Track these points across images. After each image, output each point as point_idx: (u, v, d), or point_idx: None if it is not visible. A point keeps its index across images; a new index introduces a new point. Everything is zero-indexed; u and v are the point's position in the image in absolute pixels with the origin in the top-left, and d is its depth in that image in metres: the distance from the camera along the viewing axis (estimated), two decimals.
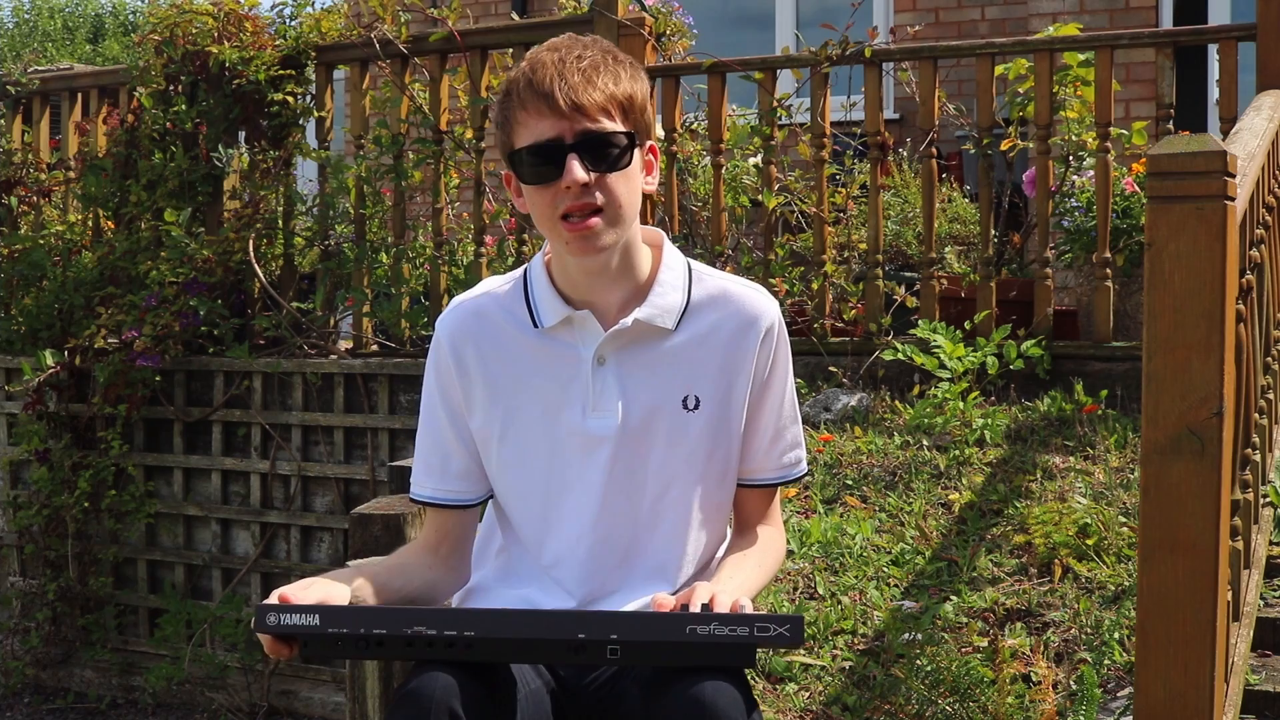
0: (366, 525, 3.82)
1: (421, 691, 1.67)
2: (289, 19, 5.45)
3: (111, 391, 5.22)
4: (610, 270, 1.91)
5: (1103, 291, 4.45)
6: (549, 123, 1.82)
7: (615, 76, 1.85)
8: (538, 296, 1.95)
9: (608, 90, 1.83)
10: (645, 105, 1.89)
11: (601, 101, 1.82)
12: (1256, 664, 2.86)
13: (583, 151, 1.82)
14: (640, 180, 1.90)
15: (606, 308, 1.93)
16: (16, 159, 6.12)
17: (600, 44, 1.89)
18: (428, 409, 2.01)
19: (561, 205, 1.83)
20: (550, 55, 1.85)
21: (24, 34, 19.90)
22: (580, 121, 1.82)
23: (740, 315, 1.96)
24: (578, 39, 1.89)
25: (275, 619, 1.69)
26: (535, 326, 1.94)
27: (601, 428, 1.92)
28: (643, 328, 1.93)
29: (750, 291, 1.98)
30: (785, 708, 2.83)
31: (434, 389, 1.99)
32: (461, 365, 1.95)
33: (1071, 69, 4.93)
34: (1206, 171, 1.98)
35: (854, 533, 3.53)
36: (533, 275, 1.97)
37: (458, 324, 1.97)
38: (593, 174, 1.82)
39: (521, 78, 1.85)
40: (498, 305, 1.97)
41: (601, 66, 1.84)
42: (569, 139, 1.82)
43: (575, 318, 1.93)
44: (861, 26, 5.26)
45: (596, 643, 1.66)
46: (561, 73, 1.82)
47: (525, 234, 5.03)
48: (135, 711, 5.34)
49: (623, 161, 1.85)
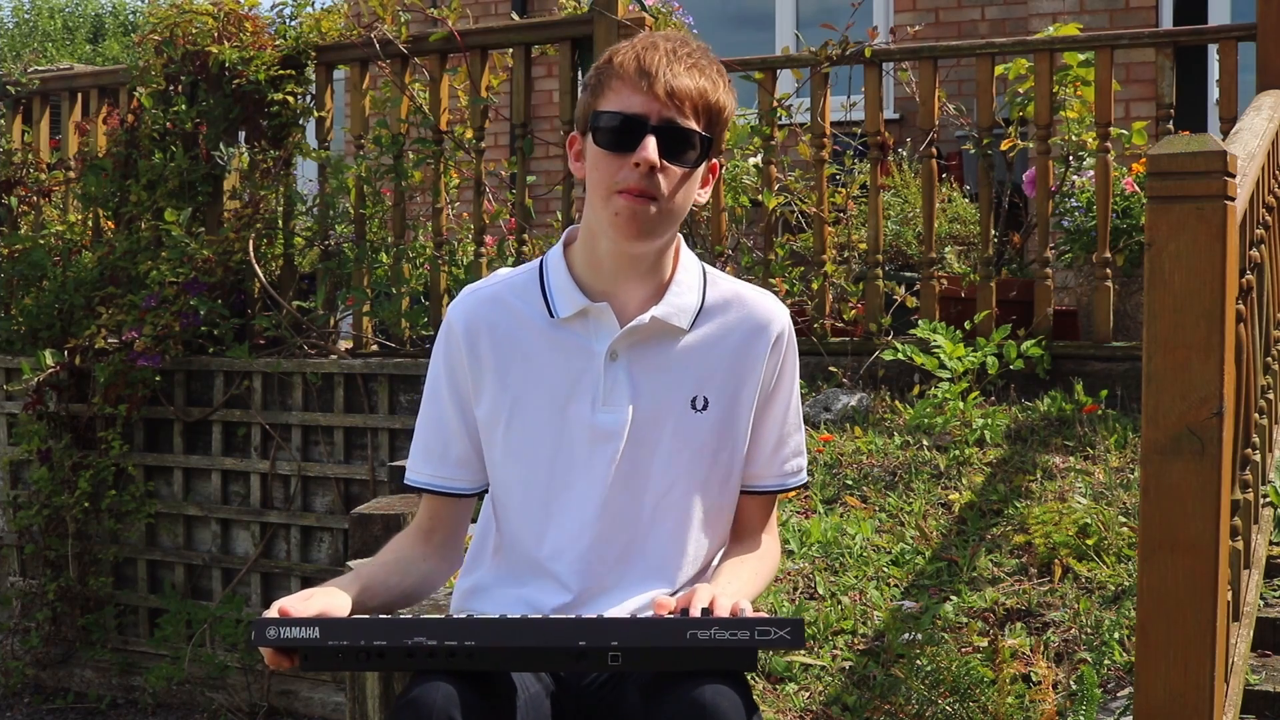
0: (366, 525, 3.82)
1: (422, 700, 1.67)
2: (289, 19, 5.44)
3: (111, 391, 5.22)
4: (641, 265, 1.93)
5: (1103, 291, 4.45)
6: (641, 99, 1.85)
7: (714, 84, 1.89)
8: (555, 286, 1.95)
9: (703, 92, 1.87)
10: (727, 121, 1.93)
11: (695, 99, 1.86)
12: (1256, 664, 2.86)
13: (662, 137, 1.85)
14: (697, 188, 1.92)
15: (624, 302, 1.94)
16: (16, 159, 6.11)
17: (710, 53, 1.93)
18: (432, 394, 2.00)
19: (624, 181, 1.85)
20: (664, 43, 1.89)
21: (24, 34, 19.91)
22: (669, 110, 1.85)
23: (752, 320, 1.97)
24: (685, 35, 1.94)
25: (275, 633, 1.68)
26: (551, 316, 1.94)
27: (610, 423, 1.92)
28: (659, 325, 1.93)
29: (763, 297, 2.00)
30: (785, 708, 2.83)
31: (441, 374, 1.98)
32: (474, 351, 1.95)
33: (1071, 69, 4.93)
34: (1206, 171, 1.97)
35: (854, 533, 3.52)
36: (550, 265, 1.97)
37: (472, 309, 1.97)
38: (664, 161, 1.84)
39: (631, 51, 1.89)
40: (512, 293, 1.97)
41: (706, 70, 1.89)
42: (654, 120, 1.85)
43: (592, 310, 1.93)
44: (861, 26, 5.26)
45: (597, 650, 1.65)
46: (670, 60, 1.86)
47: (525, 234, 5.03)
48: (135, 711, 5.34)
49: (693, 160, 1.88)
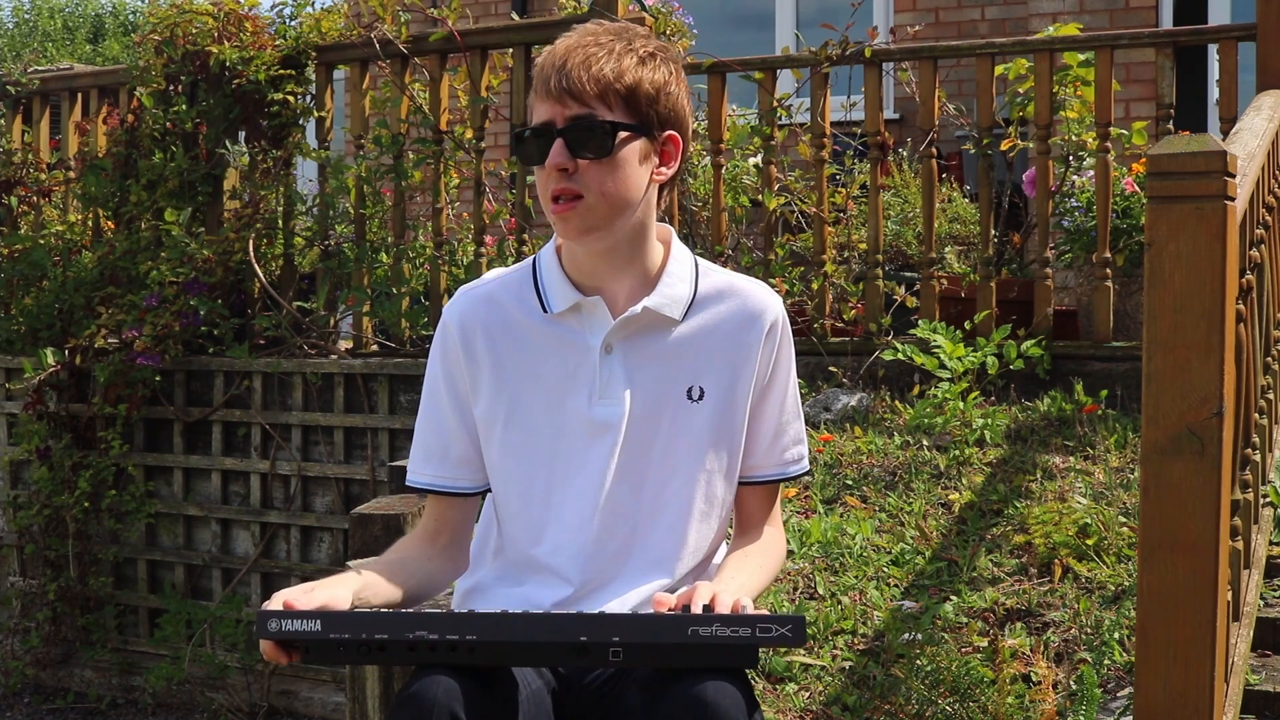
0: (366, 525, 3.82)
1: (423, 695, 1.67)
2: (289, 19, 5.44)
3: (111, 391, 5.22)
4: (617, 257, 1.92)
5: (1103, 291, 4.46)
6: (545, 106, 1.86)
7: (619, 66, 1.85)
8: (547, 282, 1.95)
9: (604, 79, 1.83)
10: (661, 94, 1.88)
11: (596, 90, 1.83)
12: (1256, 664, 2.86)
13: (569, 137, 1.84)
14: (638, 170, 1.88)
15: (615, 296, 1.94)
16: (16, 159, 6.11)
17: (626, 33, 1.89)
18: (430, 395, 2.01)
19: (549, 188, 1.86)
20: (564, 42, 1.88)
21: (24, 34, 19.90)
22: (571, 107, 1.84)
23: (745, 309, 1.97)
24: (603, 27, 1.90)
25: (277, 625, 1.68)
26: (545, 312, 1.94)
27: (608, 415, 1.92)
28: (651, 316, 1.93)
29: (755, 287, 2.00)
30: (785, 708, 2.83)
31: (439, 375, 1.99)
32: (470, 350, 1.96)
33: (1071, 69, 4.93)
34: (1206, 171, 1.97)
35: (854, 533, 3.52)
36: (542, 262, 1.98)
37: (466, 309, 1.97)
38: (577, 160, 1.84)
39: (539, 65, 1.89)
40: (506, 291, 1.98)
41: (608, 55, 1.85)
42: (559, 124, 1.84)
43: (585, 304, 1.93)
44: (861, 26, 5.26)
45: (598, 645, 1.65)
46: (565, 60, 1.84)
47: (525, 234, 5.03)
48: (135, 711, 5.34)
49: (607, 149, 1.84)
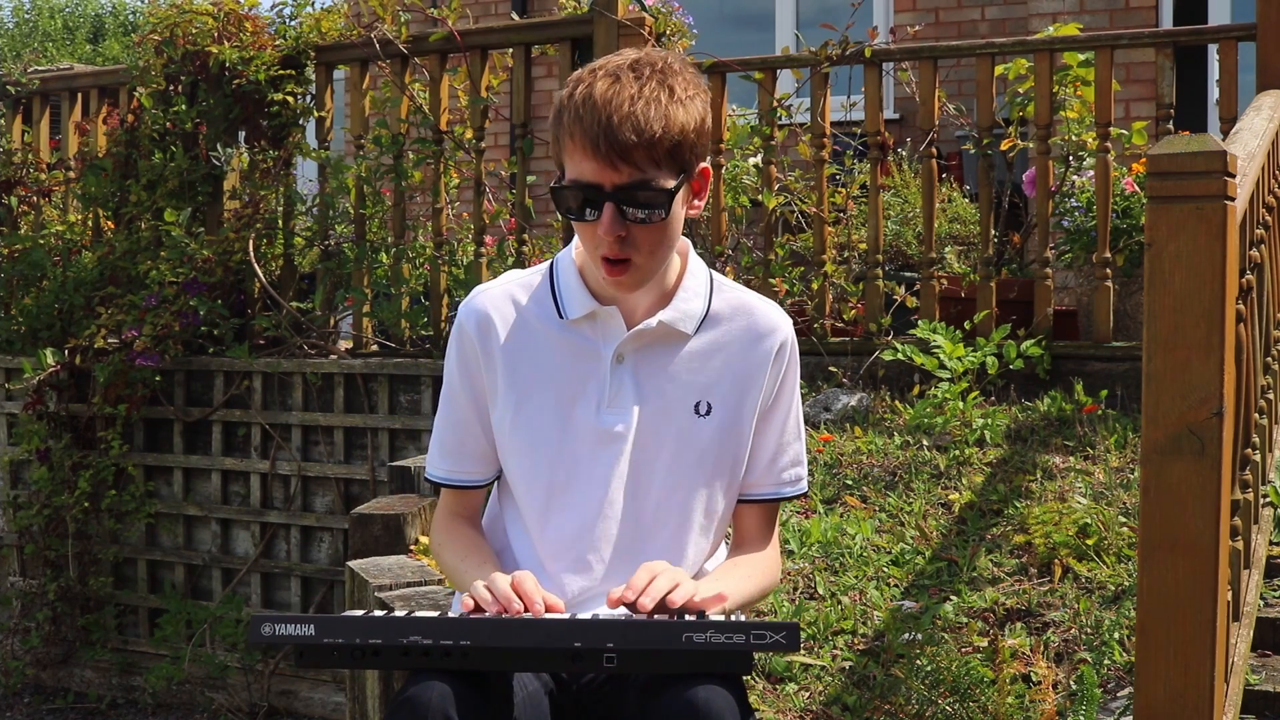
0: (366, 525, 3.82)
1: (418, 699, 1.67)
2: (289, 19, 5.44)
3: (111, 391, 5.22)
4: None
5: (1103, 291, 4.45)
6: (591, 165, 1.79)
7: (666, 120, 1.78)
8: (565, 288, 1.96)
9: (654, 137, 1.77)
10: (699, 130, 1.84)
11: (646, 152, 1.78)
12: (1256, 664, 2.86)
13: (622, 201, 1.80)
14: (680, 215, 1.88)
15: (632, 308, 1.95)
16: (16, 159, 6.11)
17: (658, 71, 1.82)
18: (448, 392, 2.03)
19: (600, 248, 1.84)
20: (601, 88, 1.79)
21: (24, 34, 19.91)
22: (622, 171, 1.78)
23: (757, 328, 1.98)
24: (636, 64, 1.82)
25: (270, 629, 1.69)
26: (560, 317, 1.95)
27: (615, 424, 1.94)
28: (665, 329, 1.94)
29: (767, 306, 2.01)
30: (785, 708, 2.83)
31: (456, 372, 2.00)
32: (486, 348, 1.97)
33: (1071, 69, 4.93)
34: (1206, 171, 1.97)
35: (854, 533, 3.52)
36: (560, 269, 1.99)
37: (484, 306, 1.98)
38: (629, 225, 1.81)
39: (573, 108, 1.80)
40: (523, 293, 1.99)
41: (653, 106, 1.78)
42: (608, 187, 1.80)
43: (600, 312, 1.94)
44: (861, 26, 5.26)
45: (593, 651, 1.65)
46: (610, 116, 1.76)
47: (525, 234, 5.03)
48: (135, 711, 5.34)
49: (660, 214, 1.82)
